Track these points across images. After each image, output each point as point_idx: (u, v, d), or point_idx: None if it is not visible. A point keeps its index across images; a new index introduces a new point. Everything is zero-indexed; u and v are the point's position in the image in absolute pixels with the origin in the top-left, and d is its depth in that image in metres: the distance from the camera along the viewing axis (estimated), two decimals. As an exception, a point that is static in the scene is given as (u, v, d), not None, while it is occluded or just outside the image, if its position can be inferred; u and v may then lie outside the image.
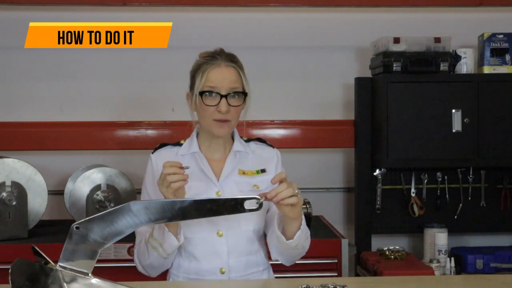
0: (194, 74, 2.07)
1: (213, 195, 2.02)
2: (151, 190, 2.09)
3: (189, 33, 3.54)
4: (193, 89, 2.06)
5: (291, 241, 1.92)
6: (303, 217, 1.94)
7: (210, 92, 2.01)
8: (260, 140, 2.20)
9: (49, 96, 3.54)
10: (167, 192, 1.84)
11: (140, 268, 2.08)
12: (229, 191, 2.03)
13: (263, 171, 2.10)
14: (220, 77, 2.01)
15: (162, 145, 2.18)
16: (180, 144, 2.14)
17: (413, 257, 3.21)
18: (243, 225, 2.05)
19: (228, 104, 2.00)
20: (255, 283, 2.03)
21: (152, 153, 2.16)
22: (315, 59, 3.60)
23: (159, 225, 1.92)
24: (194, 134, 2.15)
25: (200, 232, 2.03)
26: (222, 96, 2.00)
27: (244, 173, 2.08)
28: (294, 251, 2.00)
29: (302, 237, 1.94)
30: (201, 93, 2.02)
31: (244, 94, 2.03)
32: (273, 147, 2.18)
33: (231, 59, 2.05)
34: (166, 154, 2.12)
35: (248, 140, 2.17)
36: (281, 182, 1.82)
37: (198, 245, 2.04)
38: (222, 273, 2.03)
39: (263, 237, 2.16)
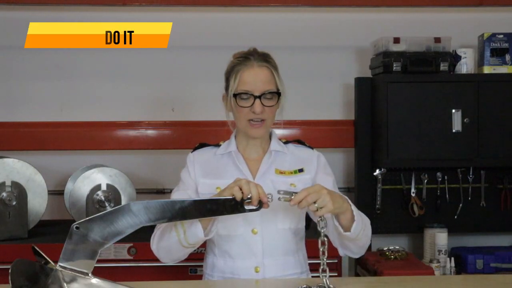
0: (228, 76, 2.07)
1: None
2: (184, 188, 2.08)
3: (189, 33, 3.54)
4: (228, 91, 2.06)
5: (349, 233, 1.88)
6: (354, 208, 1.90)
7: (244, 93, 2.01)
8: (299, 141, 2.20)
9: (49, 96, 3.53)
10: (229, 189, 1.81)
11: (154, 247, 2.01)
12: (265, 190, 1.97)
13: (300, 170, 2.10)
14: (253, 78, 2.01)
15: (202, 145, 2.18)
16: (219, 145, 2.15)
17: (413, 257, 3.22)
18: (279, 224, 2.04)
19: (262, 104, 2.00)
20: (247, 282, 2.01)
21: (191, 152, 2.16)
22: (315, 59, 3.60)
23: None
24: (233, 135, 2.15)
25: (235, 230, 2.02)
26: (256, 97, 2.00)
27: (281, 172, 2.08)
28: (355, 243, 1.97)
29: (358, 228, 1.90)
30: (235, 95, 2.02)
31: (278, 94, 2.04)
32: (312, 148, 2.18)
33: (264, 59, 2.05)
34: (204, 154, 2.13)
35: (287, 142, 2.17)
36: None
37: (232, 243, 2.03)
38: (257, 272, 2.02)
39: (303, 238, 2.15)
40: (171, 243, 1.93)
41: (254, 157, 2.11)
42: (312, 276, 2.11)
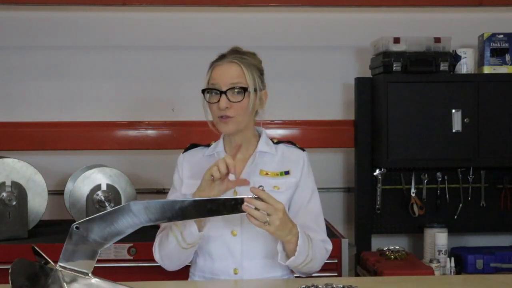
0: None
1: (229, 194, 1.97)
2: (174, 191, 2.11)
3: (189, 33, 3.54)
4: None
5: (282, 262, 1.90)
6: (302, 243, 1.87)
7: (211, 89, 2.01)
8: (291, 142, 2.18)
9: (49, 96, 3.53)
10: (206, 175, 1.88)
11: (157, 257, 2.04)
12: (246, 191, 1.95)
13: (286, 173, 2.08)
14: (221, 73, 2.01)
15: (193, 145, 2.19)
16: (209, 145, 2.16)
17: (413, 257, 3.21)
18: None
19: (229, 100, 1.99)
20: (249, 283, 2.01)
21: (182, 153, 2.17)
22: (315, 59, 3.60)
23: None
24: (222, 135, 2.15)
25: (215, 231, 2.01)
26: (222, 93, 1.99)
27: (266, 174, 2.07)
28: (296, 269, 1.99)
29: (296, 263, 1.90)
30: (203, 91, 2.03)
31: (244, 89, 2.00)
32: (303, 149, 2.16)
33: (239, 56, 2.03)
34: (194, 155, 2.15)
35: (278, 142, 2.15)
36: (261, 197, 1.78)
37: (212, 244, 2.03)
38: (236, 273, 2.01)
39: None
40: (171, 248, 1.95)
41: (240, 157, 2.08)
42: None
